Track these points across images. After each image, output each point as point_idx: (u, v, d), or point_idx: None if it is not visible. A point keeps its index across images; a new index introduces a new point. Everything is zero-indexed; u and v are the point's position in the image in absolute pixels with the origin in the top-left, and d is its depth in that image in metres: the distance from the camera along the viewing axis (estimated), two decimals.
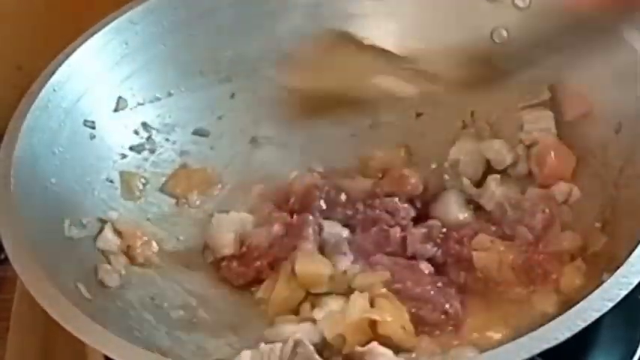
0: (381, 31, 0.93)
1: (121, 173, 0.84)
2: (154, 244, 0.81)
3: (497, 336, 0.71)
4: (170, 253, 0.82)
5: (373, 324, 0.71)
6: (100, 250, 0.79)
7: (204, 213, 0.87)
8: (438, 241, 0.79)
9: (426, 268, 0.77)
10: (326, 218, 0.83)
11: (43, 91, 0.78)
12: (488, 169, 0.85)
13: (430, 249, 0.78)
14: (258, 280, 0.80)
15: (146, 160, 0.87)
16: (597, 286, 0.61)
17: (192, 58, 0.90)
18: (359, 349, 0.67)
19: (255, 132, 0.92)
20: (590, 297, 0.60)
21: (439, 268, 0.78)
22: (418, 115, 0.92)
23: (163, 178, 0.87)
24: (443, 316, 0.73)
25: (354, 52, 0.92)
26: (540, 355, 0.58)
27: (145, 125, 0.88)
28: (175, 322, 0.75)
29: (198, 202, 0.87)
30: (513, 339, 0.59)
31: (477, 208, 0.83)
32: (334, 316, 0.73)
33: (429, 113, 0.91)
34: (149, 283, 0.79)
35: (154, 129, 0.89)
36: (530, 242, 0.76)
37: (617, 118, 0.78)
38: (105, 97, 0.85)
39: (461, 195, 0.84)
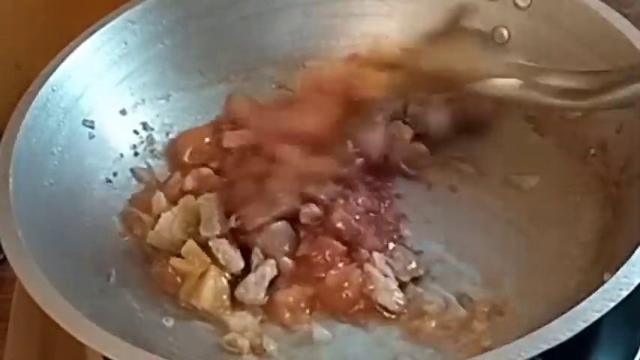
0: (381, 31, 0.93)
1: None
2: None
3: None
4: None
5: None
6: (99, 249, 0.78)
7: None
8: None
9: None
10: None
11: (42, 90, 0.78)
12: None
13: None
14: None
15: (146, 159, 0.87)
16: (598, 287, 0.61)
17: (191, 58, 0.90)
18: None
19: None
20: (591, 297, 0.60)
21: None
22: None
23: (163, 178, 0.87)
24: None
25: None
26: (541, 355, 0.58)
27: (144, 125, 0.88)
28: (175, 322, 0.75)
29: None
30: None
31: None
32: None
33: None
34: (149, 282, 0.78)
35: (153, 129, 0.88)
36: None
37: (618, 118, 0.78)
38: (104, 96, 0.85)
39: None
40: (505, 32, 0.88)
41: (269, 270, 0.75)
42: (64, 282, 0.67)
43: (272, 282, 0.76)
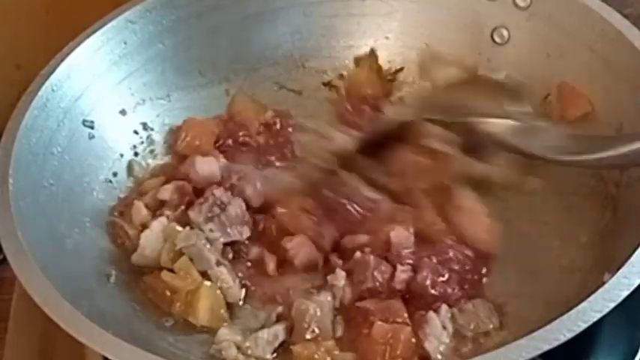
0: (381, 31, 0.93)
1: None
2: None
3: None
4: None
5: None
6: (99, 249, 0.78)
7: None
8: None
9: None
10: None
11: (42, 90, 0.78)
12: None
13: None
14: None
15: (146, 160, 0.87)
16: (598, 287, 0.61)
17: (191, 58, 0.90)
18: None
19: None
20: (591, 298, 0.60)
21: None
22: None
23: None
24: None
25: None
26: (541, 355, 0.58)
27: (144, 125, 0.88)
28: (175, 323, 0.75)
29: None
30: None
31: None
32: None
33: None
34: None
35: (153, 129, 0.88)
36: None
37: (618, 118, 0.78)
38: (104, 96, 0.85)
39: None
40: (505, 32, 0.88)
41: (282, 332, 0.72)
42: (64, 282, 0.66)
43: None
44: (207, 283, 0.75)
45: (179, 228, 0.77)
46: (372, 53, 0.93)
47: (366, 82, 0.92)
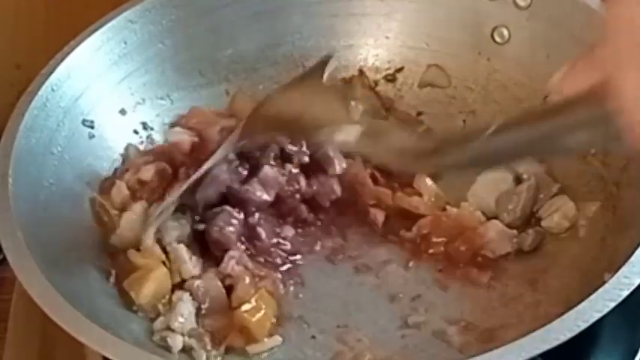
0: (381, 31, 0.93)
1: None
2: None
3: None
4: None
5: None
6: (99, 249, 0.78)
7: None
8: None
9: None
10: None
11: (42, 90, 0.78)
12: None
13: None
14: None
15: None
16: (598, 287, 0.61)
17: (191, 58, 0.90)
18: None
19: None
20: (591, 297, 0.60)
21: None
22: (418, 114, 0.92)
23: None
24: None
25: None
26: (541, 355, 0.58)
27: (144, 125, 0.88)
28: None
29: None
30: None
31: None
32: None
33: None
34: None
35: (153, 129, 0.88)
36: None
37: None
38: (104, 96, 0.85)
39: None
40: (505, 32, 0.88)
41: (190, 305, 0.73)
42: (64, 282, 0.66)
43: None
44: (164, 269, 0.74)
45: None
46: (361, 73, 0.94)
47: (362, 98, 0.92)
